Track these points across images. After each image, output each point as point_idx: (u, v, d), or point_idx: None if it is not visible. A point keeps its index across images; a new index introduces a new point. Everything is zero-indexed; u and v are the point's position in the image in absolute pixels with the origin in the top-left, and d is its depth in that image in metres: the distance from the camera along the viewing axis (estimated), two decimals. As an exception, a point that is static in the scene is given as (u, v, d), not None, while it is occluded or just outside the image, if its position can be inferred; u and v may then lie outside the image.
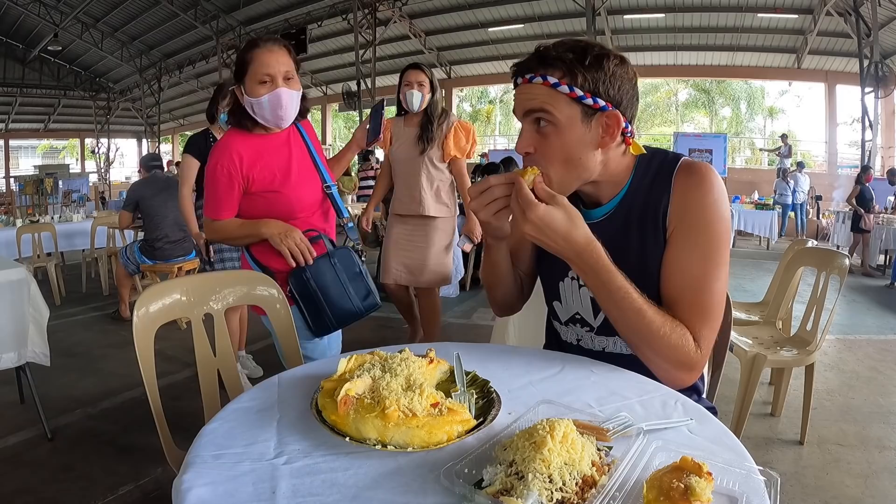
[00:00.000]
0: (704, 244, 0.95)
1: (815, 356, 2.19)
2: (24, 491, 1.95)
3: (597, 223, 1.02)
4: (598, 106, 0.93)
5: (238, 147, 1.56)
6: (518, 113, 0.99)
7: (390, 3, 13.31)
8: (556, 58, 0.93)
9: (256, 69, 1.51)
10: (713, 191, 0.96)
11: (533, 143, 0.97)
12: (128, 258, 4.03)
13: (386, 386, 0.75)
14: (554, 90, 0.93)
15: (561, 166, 0.96)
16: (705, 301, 0.94)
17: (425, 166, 2.78)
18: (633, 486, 0.61)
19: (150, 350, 1.15)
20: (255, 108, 1.53)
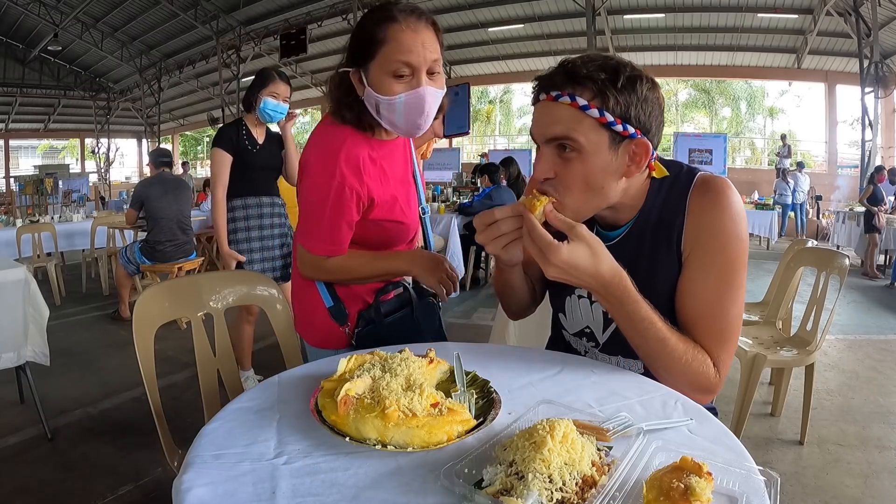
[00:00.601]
0: (721, 267, 0.92)
1: (815, 356, 2.19)
2: (24, 491, 1.95)
3: (613, 245, 0.99)
4: (627, 133, 0.87)
5: (362, 152, 1.16)
6: (538, 136, 0.91)
7: (390, 3, 13.29)
8: (587, 76, 0.86)
9: (393, 54, 1.08)
10: (729, 210, 0.92)
11: (553, 168, 0.90)
12: (128, 259, 4.03)
13: (386, 386, 0.75)
14: (582, 113, 0.86)
15: (581, 194, 0.90)
16: (723, 326, 0.92)
17: None
18: (633, 486, 0.61)
19: (150, 350, 1.15)
20: (381, 107, 1.12)
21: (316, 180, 1.16)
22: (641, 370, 1.03)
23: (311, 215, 1.19)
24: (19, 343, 2.21)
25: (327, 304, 1.26)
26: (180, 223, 4.03)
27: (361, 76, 1.13)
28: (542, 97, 0.91)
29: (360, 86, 1.14)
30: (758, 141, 19.28)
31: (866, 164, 9.60)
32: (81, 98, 20.98)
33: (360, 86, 1.14)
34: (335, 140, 1.16)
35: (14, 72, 18.89)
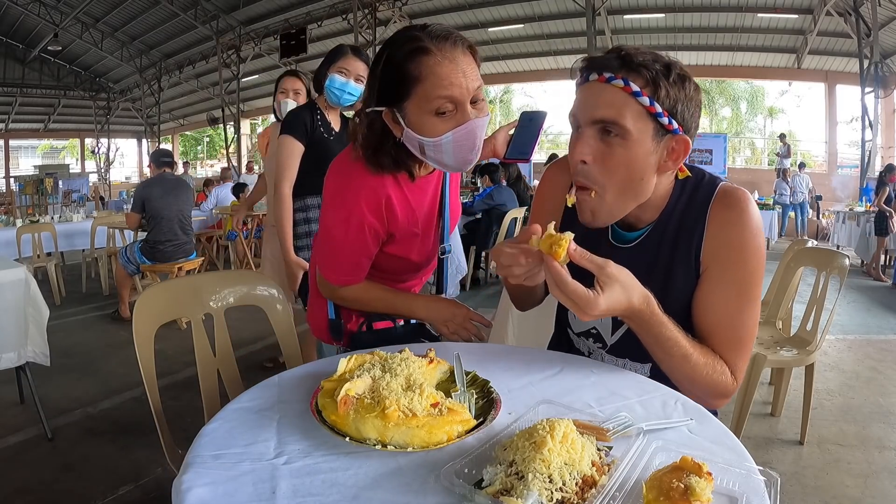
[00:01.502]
0: (740, 281, 0.92)
1: (815, 356, 2.19)
2: (24, 491, 1.95)
3: (631, 247, 1.00)
4: (671, 127, 0.87)
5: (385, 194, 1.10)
6: (583, 117, 0.88)
7: (390, 3, 13.31)
8: (641, 64, 0.85)
9: (433, 91, 0.98)
10: (750, 225, 0.92)
11: (593, 152, 0.87)
12: (128, 259, 4.03)
13: (386, 386, 0.75)
14: (633, 98, 0.84)
15: (620, 185, 0.89)
16: (740, 335, 0.93)
17: None
18: (633, 486, 0.61)
19: (150, 350, 1.15)
20: (426, 149, 1.03)
21: (337, 214, 1.12)
22: (647, 373, 1.02)
23: (330, 246, 1.16)
24: (19, 343, 2.21)
25: (330, 317, 1.28)
26: (181, 223, 4.03)
27: (397, 116, 1.02)
28: (591, 77, 0.88)
29: (397, 126, 1.03)
30: (758, 141, 19.28)
31: (866, 164, 9.60)
32: (81, 98, 20.98)
33: (396, 126, 1.04)
34: (359, 177, 1.09)
35: (14, 72, 18.88)
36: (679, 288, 0.96)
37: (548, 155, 11.06)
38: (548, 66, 16.15)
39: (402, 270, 1.27)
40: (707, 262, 0.94)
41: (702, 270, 0.95)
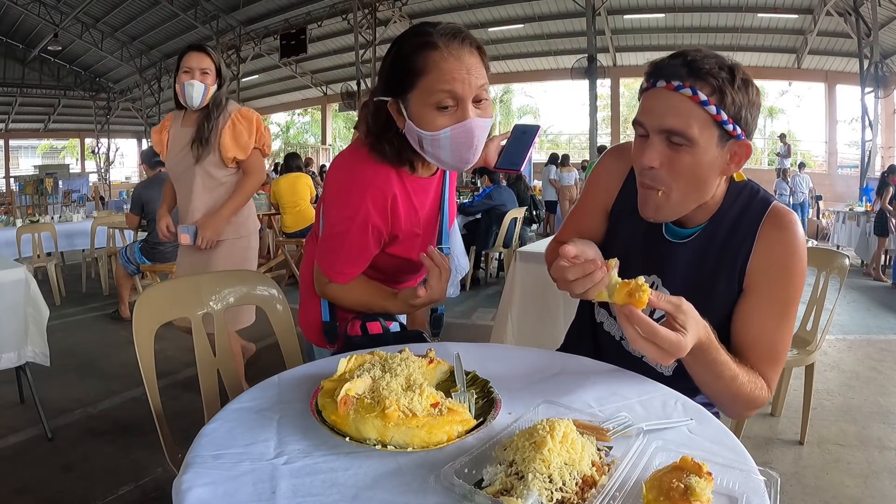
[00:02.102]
0: (784, 301, 0.95)
1: (815, 356, 2.19)
2: (24, 491, 1.95)
3: (681, 244, 1.02)
4: (735, 133, 0.89)
5: (391, 192, 1.10)
6: (652, 124, 0.90)
7: (390, 3, 13.32)
8: (709, 72, 0.86)
9: (436, 84, 0.99)
10: (799, 249, 0.95)
11: (661, 158, 0.90)
12: (128, 259, 4.03)
13: (386, 386, 0.75)
14: (701, 108, 0.86)
15: (686, 187, 0.92)
16: (778, 351, 0.96)
17: (201, 178, 2.23)
18: (633, 486, 0.61)
19: (150, 350, 1.15)
20: (424, 142, 1.03)
21: (340, 212, 1.11)
22: (670, 372, 1.05)
23: (332, 243, 1.15)
24: (19, 343, 2.21)
25: (324, 319, 1.26)
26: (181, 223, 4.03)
27: (400, 107, 1.03)
28: (659, 84, 0.89)
29: (400, 118, 1.04)
30: (758, 141, 19.27)
31: (866, 164, 9.60)
32: (81, 98, 20.98)
33: (399, 117, 1.05)
34: (365, 174, 1.09)
35: (14, 72, 18.88)
36: (719, 295, 0.98)
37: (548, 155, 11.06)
38: (548, 66, 16.15)
39: (402, 271, 1.27)
40: (753, 279, 0.96)
41: (745, 285, 0.97)
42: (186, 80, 2.15)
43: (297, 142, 25.03)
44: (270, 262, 5.84)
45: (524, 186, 6.46)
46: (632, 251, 1.06)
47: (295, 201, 5.21)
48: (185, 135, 2.23)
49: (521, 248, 2.64)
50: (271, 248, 6.36)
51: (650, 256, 1.05)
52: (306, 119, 25.52)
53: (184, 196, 2.30)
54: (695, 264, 1.00)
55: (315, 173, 10.44)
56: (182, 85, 2.16)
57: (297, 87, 19.33)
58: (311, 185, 5.41)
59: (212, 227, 2.21)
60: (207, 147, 2.18)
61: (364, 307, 1.21)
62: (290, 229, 5.24)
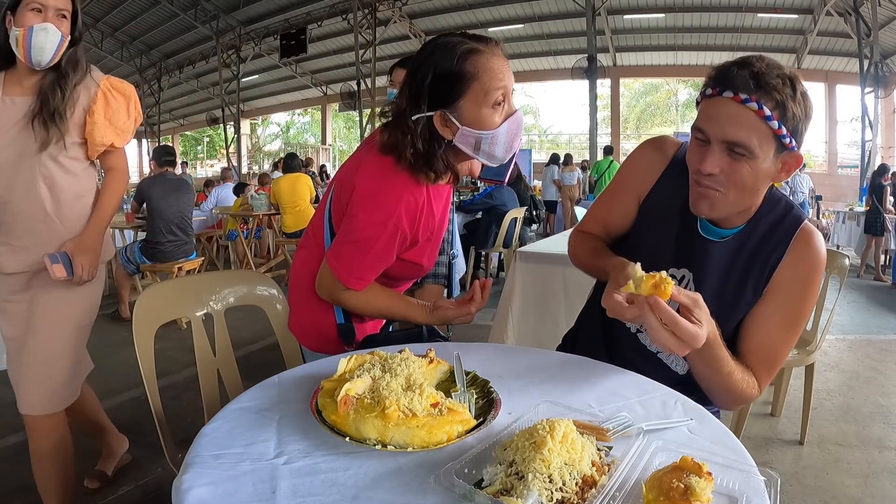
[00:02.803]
0: (795, 314, 1.00)
1: (815, 356, 2.19)
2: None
3: (715, 243, 1.04)
4: (791, 146, 0.91)
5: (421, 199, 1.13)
6: (715, 133, 0.92)
7: (390, 3, 13.32)
8: (773, 87, 0.88)
9: (490, 83, 1.04)
10: (821, 266, 1.00)
11: (721, 166, 0.92)
12: (128, 259, 4.03)
13: (386, 386, 0.75)
14: (764, 122, 0.88)
15: (741, 192, 0.95)
16: (777, 358, 1.00)
17: (45, 174, 1.45)
18: (633, 486, 0.61)
19: (150, 350, 1.15)
20: (483, 143, 1.08)
21: (372, 217, 1.10)
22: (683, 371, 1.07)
23: (356, 249, 1.13)
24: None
25: (338, 321, 1.24)
26: (181, 224, 4.03)
27: (449, 118, 1.07)
28: (726, 94, 0.90)
29: (449, 128, 1.07)
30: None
31: (866, 164, 9.60)
32: (81, 98, 20.95)
33: (447, 128, 1.08)
34: (399, 181, 1.10)
35: (14, 72, 18.87)
36: (746, 298, 1.01)
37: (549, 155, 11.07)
38: (548, 66, 16.16)
39: (410, 276, 1.28)
40: (774, 288, 1.00)
41: (765, 292, 1.00)
42: (36, 23, 1.37)
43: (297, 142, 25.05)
44: (270, 262, 5.85)
45: (524, 186, 6.45)
46: (664, 243, 1.08)
47: (295, 201, 5.22)
48: (16, 108, 1.43)
49: (521, 248, 2.64)
50: (271, 248, 6.37)
51: (683, 251, 1.07)
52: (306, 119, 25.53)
53: (14, 201, 1.44)
54: (727, 265, 1.03)
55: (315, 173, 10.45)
56: (27, 30, 1.36)
57: (297, 87, 19.34)
58: (311, 186, 5.41)
59: (89, 250, 1.50)
60: (61, 126, 1.43)
61: (384, 314, 1.23)
62: (290, 229, 5.25)
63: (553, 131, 23.10)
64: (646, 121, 21.99)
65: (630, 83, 19.51)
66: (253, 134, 24.07)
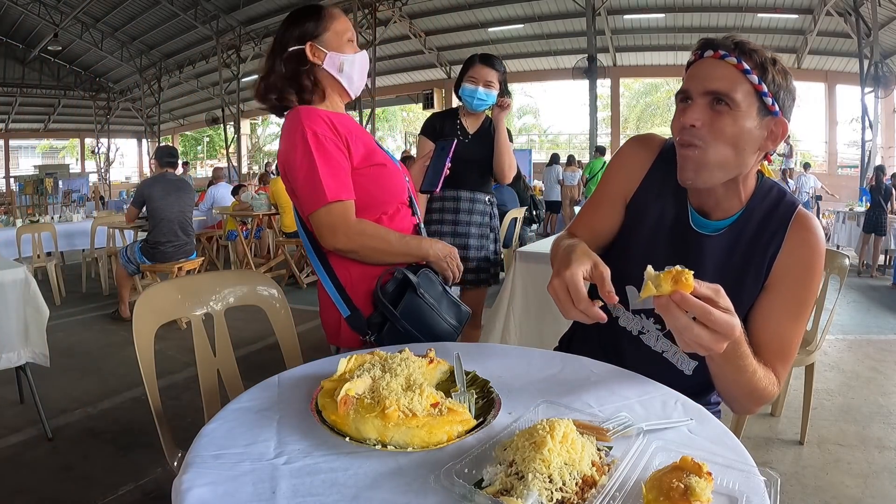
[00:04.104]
0: (801, 301, 0.98)
1: (815, 356, 2.19)
2: (24, 491, 1.95)
3: (710, 237, 1.02)
4: (773, 108, 0.93)
5: (328, 115, 1.29)
6: (696, 88, 0.94)
7: (390, 3, 13.31)
8: (753, 50, 0.92)
9: (341, 27, 1.34)
10: (821, 251, 0.98)
11: (702, 118, 0.92)
12: (128, 258, 4.03)
13: (386, 386, 0.75)
14: (743, 76, 0.91)
15: (724, 148, 0.93)
16: (791, 348, 0.97)
17: None
18: (633, 486, 0.61)
19: (150, 350, 1.15)
20: (344, 66, 1.33)
21: (296, 153, 1.23)
22: (690, 371, 1.05)
23: (309, 178, 1.22)
24: (19, 343, 2.21)
25: (344, 315, 1.28)
26: (181, 224, 4.03)
27: (316, 47, 1.31)
28: (707, 54, 0.94)
29: (318, 54, 1.31)
30: (758, 141, 19.26)
31: (866, 164, 9.60)
32: (81, 98, 20.98)
33: (317, 54, 1.31)
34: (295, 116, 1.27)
35: (14, 72, 18.89)
36: (747, 292, 0.99)
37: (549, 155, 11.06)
38: (548, 66, 16.15)
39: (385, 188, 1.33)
40: (776, 278, 0.98)
41: (767, 283, 0.98)
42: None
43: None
44: (270, 262, 5.84)
45: (524, 186, 6.45)
46: (657, 242, 1.06)
47: (285, 202, 5.21)
48: None
49: (521, 248, 2.64)
50: (271, 248, 6.37)
51: (677, 248, 1.04)
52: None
53: None
54: (724, 259, 1.01)
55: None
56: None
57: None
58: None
59: None
60: None
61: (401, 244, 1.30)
62: (289, 229, 5.24)
63: (553, 131, 23.09)
64: (646, 121, 21.99)
65: (630, 83, 19.50)
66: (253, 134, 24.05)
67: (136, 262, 4.00)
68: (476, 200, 2.36)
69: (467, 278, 2.31)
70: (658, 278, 0.74)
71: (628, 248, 1.09)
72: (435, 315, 1.28)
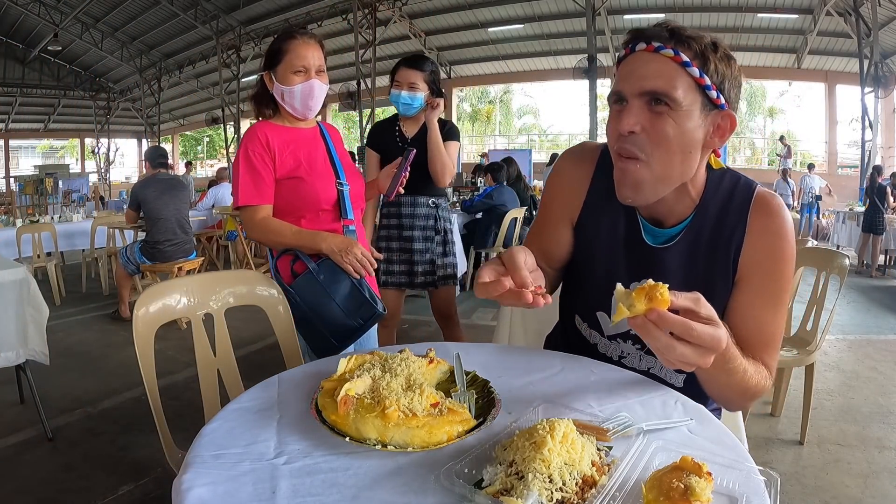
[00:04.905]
0: (777, 290, 0.92)
1: (815, 356, 2.19)
2: (24, 491, 1.95)
3: (664, 247, 0.95)
4: (719, 102, 0.84)
5: (266, 132, 1.55)
6: (631, 89, 0.84)
7: (390, 3, 13.31)
8: (690, 37, 0.83)
9: (292, 59, 1.53)
10: (789, 235, 0.91)
11: (642, 122, 0.84)
12: (128, 258, 4.03)
13: (386, 386, 0.75)
14: (683, 69, 0.82)
15: (668, 156, 0.85)
16: (774, 338, 0.93)
17: None
18: (633, 486, 0.61)
19: (150, 350, 1.15)
20: (285, 96, 1.55)
21: (241, 152, 1.54)
22: (681, 383, 1.01)
23: (235, 185, 1.54)
24: (19, 342, 2.21)
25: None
26: (180, 223, 4.03)
27: (271, 76, 1.56)
28: (639, 48, 0.85)
29: (271, 82, 1.56)
30: (758, 141, 19.29)
31: (866, 164, 9.60)
32: (81, 98, 20.98)
33: (271, 83, 1.57)
34: (252, 128, 1.56)
35: (14, 72, 18.88)
36: (719, 294, 0.93)
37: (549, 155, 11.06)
38: (548, 66, 16.15)
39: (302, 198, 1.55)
40: (746, 271, 0.92)
41: (738, 277, 0.92)
42: None
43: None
44: (270, 262, 5.83)
45: (524, 186, 6.45)
46: (616, 259, 0.99)
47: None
48: None
49: (521, 248, 2.64)
50: (271, 248, 6.35)
51: (635, 267, 0.97)
52: (308, 118, 25.54)
53: None
54: (686, 267, 0.94)
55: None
56: None
57: (297, 87, 19.28)
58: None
59: None
60: None
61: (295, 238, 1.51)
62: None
63: (553, 131, 23.09)
64: (646, 121, 21.96)
65: (630, 83, 19.45)
66: (253, 134, 24.01)
67: (136, 262, 4.00)
68: (417, 204, 2.33)
69: (416, 281, 2.32)
70: (629, 297, 0.67)
71: (589, 273, 1.03)
72: (332, 303, 1.48)
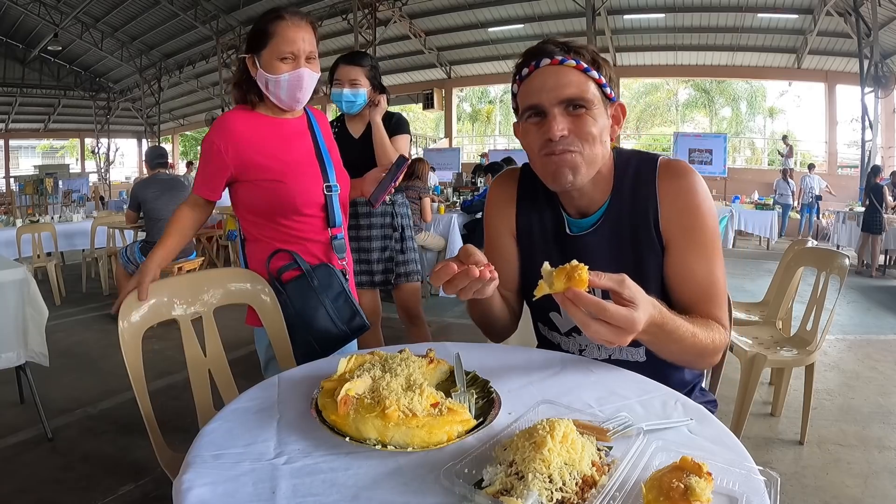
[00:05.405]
0: (705, 243, 0.98)
1: (815, 356, 2.19)
2: (24, 491, 1.95)
3: (588, 234, 1.04)
4: (612, 96, 0.99)
5: (239, 129, 1.40)
6: (549, 100, 0.95)
7: (390, 3, 13.30)
8: (580, 48, 0.97)
9: (279, 44, 1.37)
10: (699, 190, 0.99)
11: (567, 125, 0.95)
12: (128, 258, 4.03)
13: (386, 386, 0.75)
14: (585, 75, 0.96)
15: (594, 146, 0.97)
16: (717, 291, 0.99)
17: None
18: (633, 486, 0.61)
19: (138, 352, 1.15)
20: (269, 85, 1.40)
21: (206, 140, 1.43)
22: (643, 357, 1.05)
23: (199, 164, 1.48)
24: (19, 343, 2.21)
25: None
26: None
27: (255, 60, 1.41)
28: (543, 63, 0.96)
29: (254, 68, 1.41)
30: (758, 141, 19.28)
31: (866, 164, 9.60)
32: (81, 98, 20.98)
33: (254, 68, 1.42)
34: (227, 118, 1.44)
35: (14, 72, 18.88)
36: (650, 266, 1.00)
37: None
38: (548, 66, 16.11)
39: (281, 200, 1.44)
40: (670, 234, 0.99)
41: (665, 243, 1.00)
42: None
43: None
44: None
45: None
46: (550, 251, 1.07)
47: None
48: None
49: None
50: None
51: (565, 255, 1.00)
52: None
53: None
54: (614, 248, 1.02)
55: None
56: None
57: (296, 87, 19.27)
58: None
59: None
60: None
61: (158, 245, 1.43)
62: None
63: (552, 131, 23.03)
64: (646, 121, 21.98)
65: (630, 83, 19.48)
66: (253, 134, 24.02)
67: (136, 262, 4.00)
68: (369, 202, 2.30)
69: (376, 280, 2.30)
70: (551, 275, 0.75)
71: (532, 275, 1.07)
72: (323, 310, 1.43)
